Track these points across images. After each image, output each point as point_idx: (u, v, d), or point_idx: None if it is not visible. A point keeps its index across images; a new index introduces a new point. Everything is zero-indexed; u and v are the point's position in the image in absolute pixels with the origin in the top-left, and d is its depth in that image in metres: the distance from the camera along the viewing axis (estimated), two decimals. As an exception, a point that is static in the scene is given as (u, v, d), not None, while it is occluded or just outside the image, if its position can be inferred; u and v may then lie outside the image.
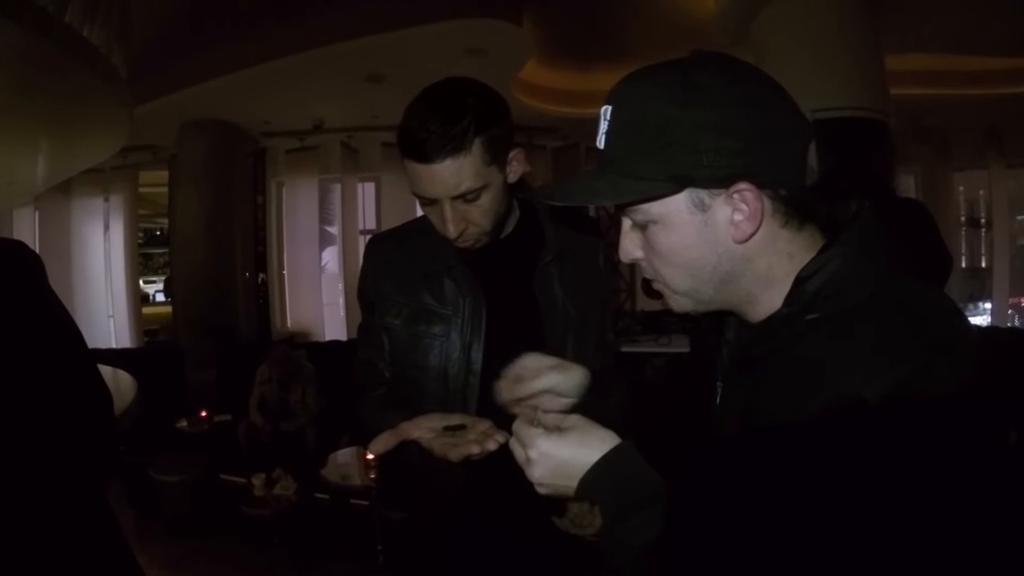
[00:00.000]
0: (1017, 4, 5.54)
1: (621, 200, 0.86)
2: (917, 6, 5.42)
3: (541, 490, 1.03)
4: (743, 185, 0.81)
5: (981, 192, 9.13)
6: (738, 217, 0.82)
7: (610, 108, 0.85)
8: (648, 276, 0.93)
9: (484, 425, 1.30)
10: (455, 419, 1.33)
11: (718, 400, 1.00)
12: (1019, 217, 9.16)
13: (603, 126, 0.86)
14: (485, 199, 1.36)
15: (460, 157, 1.29)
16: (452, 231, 1.36)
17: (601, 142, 0.86)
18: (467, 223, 1.38)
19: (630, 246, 0.92)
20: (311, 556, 4.46)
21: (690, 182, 0.82)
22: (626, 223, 0.91)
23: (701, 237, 0.84)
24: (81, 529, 1.27)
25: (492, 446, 1.23)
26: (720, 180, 0.81)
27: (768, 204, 0.83)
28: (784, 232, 0.86)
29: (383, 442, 1.27)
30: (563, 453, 1.00)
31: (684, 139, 0.79)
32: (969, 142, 8.59)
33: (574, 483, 0.99)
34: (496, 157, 1.35)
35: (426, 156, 1.28)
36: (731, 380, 0.97)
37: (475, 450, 1.23)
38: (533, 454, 1.01)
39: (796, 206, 0.85)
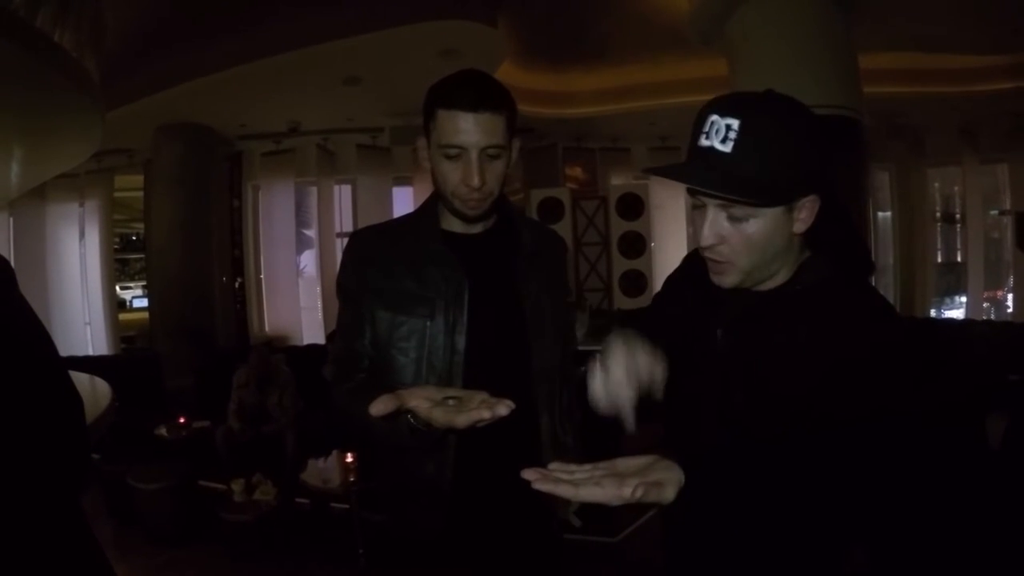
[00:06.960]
0: (989, 4, 5.61)
1: (751, 199, 1.08)
2: (891, 5, 5.47)
3: None
4: (814, 196, 1.11)
5: (955, 188, 9.25)
6: (803, 215, 1.12)
7: (737, 121, 1.06)
8: (719, 258, 1.16)
9: (482, 395, 1.27)
10: (451, 392, 1.31)
11: (719, 342, 1.23)
12: (992, 212, 9.27)
13: (727, 132, 1.07)
14: (500, 164, 1.52)
15: (497, 114, 1.46)
16: (476, 180, 1.47)
17: (728, 147, 1.07)
18: (484, 180, 1.49)
19: (713, 234, 1.14)
20: (293, 560, 4.42)
21: (798, 196, 1.10)
22: (721, 215, 1.13)
23: (780, 228, 1.12)
24: (53, 538, 1.25)
25: (503, 411, 1.19)
26: (809, 193, 1.10)
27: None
28: None
29: (383, 403, 1.22)
30: None
31: (803, 164, 1.08)
32: (943, 139, 8.72)
33: None
34: (511, 132, 1.52)
35: (473, 105, 1.44)
36: (734, 329, 1.21)
37: (486, 415, 1.19)
38: None
39: None
